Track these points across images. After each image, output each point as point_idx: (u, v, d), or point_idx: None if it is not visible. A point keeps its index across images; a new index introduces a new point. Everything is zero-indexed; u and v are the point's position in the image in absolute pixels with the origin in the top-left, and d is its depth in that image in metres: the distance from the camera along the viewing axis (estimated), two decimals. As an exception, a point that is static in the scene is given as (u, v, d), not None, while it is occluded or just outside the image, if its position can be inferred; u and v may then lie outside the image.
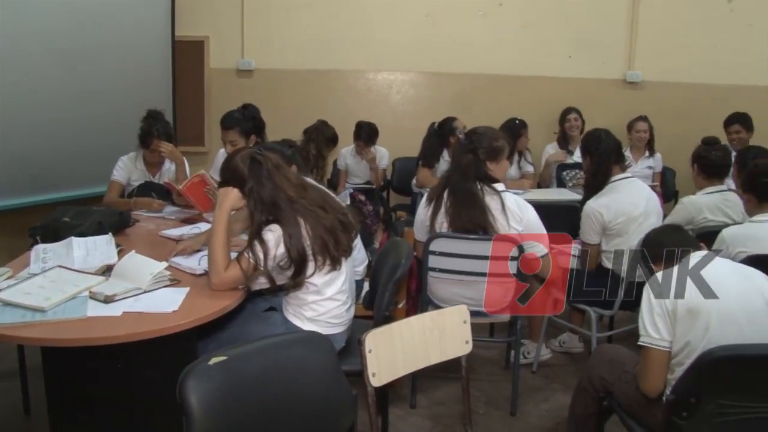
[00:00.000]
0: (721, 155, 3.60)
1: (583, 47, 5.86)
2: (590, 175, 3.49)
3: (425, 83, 6.01)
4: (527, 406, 3.35)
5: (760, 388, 1.94)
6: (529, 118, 5.49)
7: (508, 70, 5.85)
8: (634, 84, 5.88)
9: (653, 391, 2.13)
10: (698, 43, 5.89)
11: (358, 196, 5.00)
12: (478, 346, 3.91)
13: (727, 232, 2.96)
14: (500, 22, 5.84)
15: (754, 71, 5.92)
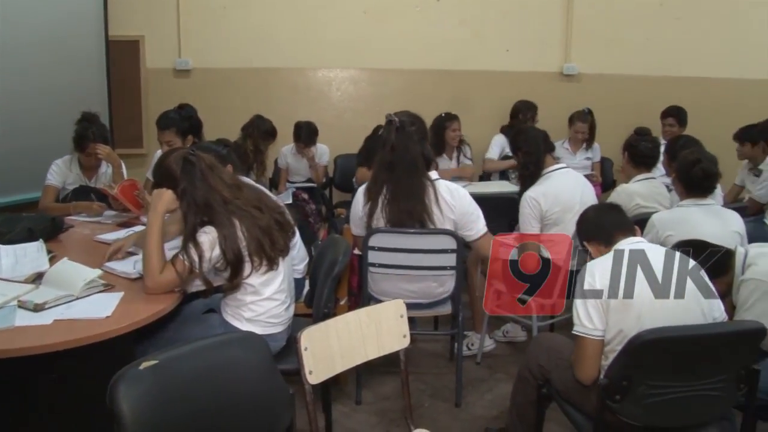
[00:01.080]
0: (650, 146, 3.74)
1: (521, 41, 5.95)
2: (523, 168, 3.53)
3: (365, 80, 6.01)
4: (472, 397, 3.39)
5: (686, 367, 2.01)
6: (470, 112, 5.57)
7: (447, 65, 5.88)
8: (570, 77, 6.00)
9: (588, 378, 2.17)
10: (631, 36, 6.03)
11: (301, 195, 4.99)
12: (423, 339, 3.99)
13: (657, 217, 3.05)
14: (438, 17, 5.87)
15: (683, 63, 6.10)
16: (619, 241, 2.33)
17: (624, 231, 2.37)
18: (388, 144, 3.02)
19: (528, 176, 3.49)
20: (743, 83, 6.23)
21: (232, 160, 3.12)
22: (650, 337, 1.93)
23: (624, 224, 2.41)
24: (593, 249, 2.44)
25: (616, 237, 2.35)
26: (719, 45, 6.21)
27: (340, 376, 3.39)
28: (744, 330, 2.06)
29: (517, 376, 2.64)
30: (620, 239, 2.34)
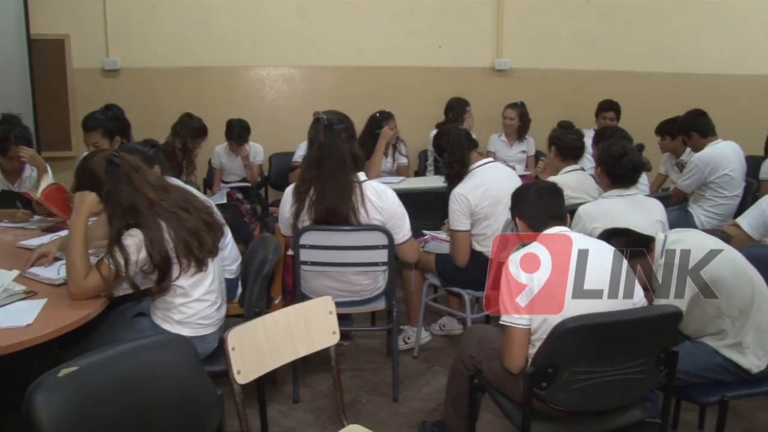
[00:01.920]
0: (575, 138, 3.84)
1: (453, 37, 6.02)
2: (449, 168, 3.55)
3: (299, 78, 5.99)
4: (409, 391, 3.42)
5: (609, 353, 2.07)
6: (404, 108, 5.59)
7: (381, 61, 5.92)
8: (502, 71, 6.11)
9: (515, 367, 2.20)
10: (560, 31, 6.18)
11: (235, 195, 4.94)
12: (361, 335, 4.01)
13: (583, 209, 3.13)
14: (371, 14, 5.89)
15: (610, 57, 6.29)
16: (547, 229, 2.36)
17: (556, 219, 2.40)
18: (316, 143, 3.02)
19: (454, 175, 3.51)
20: (668, 77, 6.44)
21: (160, 160, 3.07)
22: (573, 325, 1.98)
23: (557, 212, 2.43)
24: (522, 226, 2.46)
25: (546, 223, 2.38)
26: (645, 40, 6.42)
27: (278, 376, 3.39)
28: (662, 314, 2.13)
29: (451, 368, 2.67)
30: (550, 226, 2.37)
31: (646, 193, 3.84)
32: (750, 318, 2.42)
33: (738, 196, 4.50)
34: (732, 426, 3.09)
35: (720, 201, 4.47)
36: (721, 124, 4.94)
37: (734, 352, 2.42)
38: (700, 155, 4.50)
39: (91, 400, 1.60)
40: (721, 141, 4.53)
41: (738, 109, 6.50)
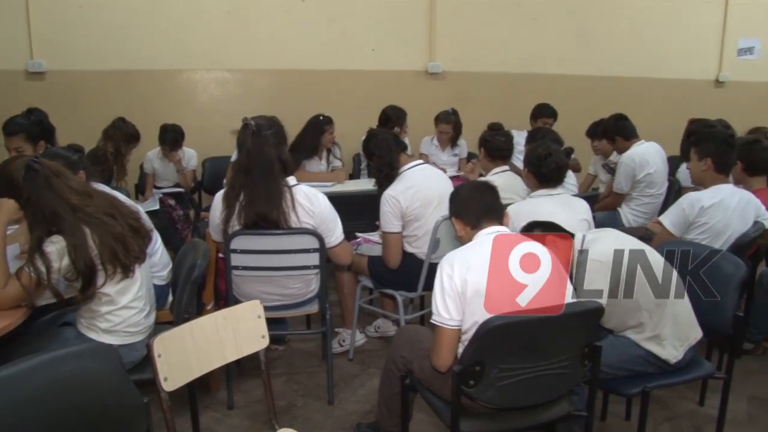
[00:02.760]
0: (504, 140, 3.92)
1: (386, 40, 6.07)
2: (378, 171, 3.57)
3: (232, 81, 5.94)
4: (345, 393, 3.42)
5: (534, 349, 2.12)
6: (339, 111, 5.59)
7: (315, 64, 5.91)
8: (435, 75, 6.18)
9: (444, 366, 2.24)
10: (491, 35, 6.31)
11: (167, 201, 4.86)
12: (296, 339, 3.99)
13: (512, 209, 3.18)
14: (304, 17, 5.88)
15: (540, 60, 6.44)
16: (484, 228, 2.39)
17: (492, 218, 2.42)
18: (244, 148, 3.00)
19: (383, 178, 3.54)
20: (594, 80, 6.66)
21: (85, 166, 3.00)
22: (498, 323, 2.02)
23: (493, 210, 2.44)
24: (459, 226, 2.48)
25: (483, 222, 2.40)
26: (573, 43, 6.62)
27: (212, 382, 3.35)
28: (584, 310, 2.19)
29: (383, 369, 2.69)
30: (486, 226, 2.39)
31: (573, 193, 3.95)
32: (666, 311, 2.52)
33: (662, 195, 4.66)
34: (656, 415, 3.23)
35: (645, 200, 4.62)
36: (646, 126, 5.13)
37: (653, 344, 2.52)
38: (628, 155, 4.64)
39: (9, 412, 1.56)
40: (644, 142, 4.68)
41: (661, 111, 6.79)
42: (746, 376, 3.68)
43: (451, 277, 2.20)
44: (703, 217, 3.39)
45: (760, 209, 3.52)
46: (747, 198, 3.49)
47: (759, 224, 3.49)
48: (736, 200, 3.44)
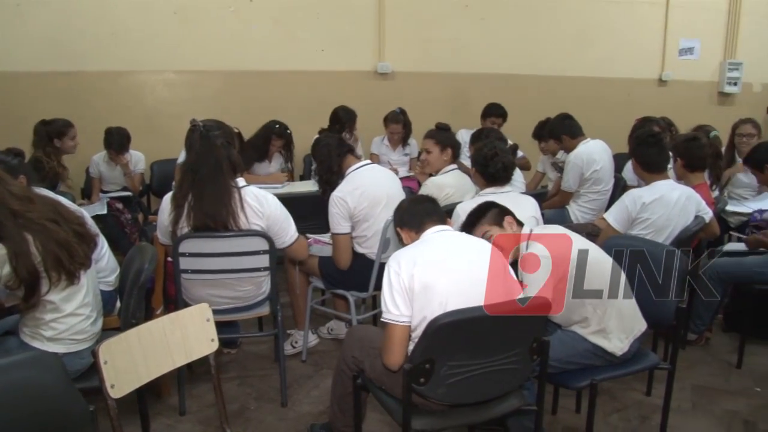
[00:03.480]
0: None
1: (335, 41, 6.05)
2: (319, 177, 3.59)
3: (180, 83, 5.84)
4: (298, 395, 3.41)
5: (483, 346, 2.14)
6: (289, 112, 5.59)
7: (263, 65, 5.86)
8: (384, 75, 6.19)
9: (394, 364, 2.25)
10: (440, 35, 6.35)
11: (115, 205, 4.78)
12: (249, 342, 3.96)
13: (461, 207, 3.23)
14: (252, 18, 5.82)
15: (489, 60, 6.53)
16: (428, 229, 2.43)
17: (434, 220, 2.47)
18: (193, 150, 2.97)
19: (326, 183, 3.55)
20: (542, 79, 6.78)
21: (26, 170, 2.93)
22: (447, 320, 2.04)
23: (434, 213, 2.50)
24: (405, 235, 2.52)
25: (426, 225, 2.45)
26: (521, 44, 6.72)
27: (163, 388, 3.30)
28: (532, 306, 2.23)
29: (335, 369, 2.70)
30: (429, 227, 2.44)
31: (521, 191, 4.01)
32: (611, 304, 2.58)
33: (608, 191, 4.76)
34: (606, 406, 3.31)
35: (593, 196, 4.72)
36: (593, 124, 5.25)
37: (600, 337, 2.58)
38: (576, 153, 4.72)
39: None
40: (590, 140, 4.78)
41: (607, 109, 6.95)
42: (690, 365, 3.80)
43: (398, 274, 2.22)
44: (645, 212, 3.48)
45: (701, 204, 3.63)
46: (687, 193, 3.59)
47: (700, 218, 3.59)
48: (676, 196, 3.54)
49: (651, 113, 5.47)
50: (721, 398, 3.46)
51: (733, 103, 8.11)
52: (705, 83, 7.95)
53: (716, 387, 3.59)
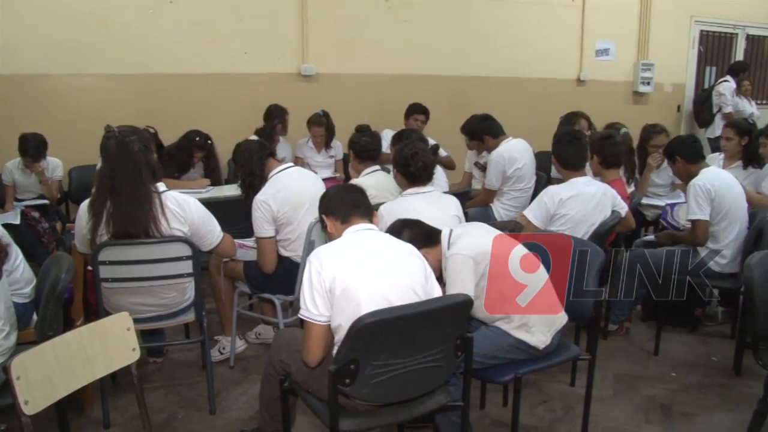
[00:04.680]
0: (370, 140, 4.00)
1: (258, 43, 5.98)
2: (248, 178, 3.55)
3: (98, 86, 5.64)
4: (227, 402, 3.37)
5: (407, 344, 2.16)
6: (212, 116, 5.53)
7: (185, 68, 5.74)
8: (309, 77, 6.16)
9: (313, 361, 2.26)
10: (363, 37, 6.38)
11: (31, 213, 4.60)
12: (175, 350, 3.89)
13: (384, 208, 3.26)
14: (172, 19, 5.69)
15: (411, 61, 6.59)
16: (353, 224, 2.42)
17: (361, 214, 2.46)
18: (109, 156, 2.91)
19: (250, 185, 3.52)
20: (464, 79, 6.90)
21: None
22: (371, 320, 2.04)
23: (362, 205, 2.49)
24: (330, 223, 2.49)
25: (353, 217, 2.44)
26: (444, 45, 6.82)
27: (85, 401, 3.21)
28: (454, 303, 2.26)
29: (263, 374, 2.68)
30: (356, 221, 2.43)
31: (444, 190, 4.07)
32: (532, 299, 2.65)
33: (530, 189, 4.89)
34: (532, 398, 3.40)
35: (515, 194, 4.83)
36: (515, 123, 5.38)
37: (523, 332, 2.64)
38: (498, 152, 4.82)
39: None
40: (512, 139, 4.89)
41: (528, 108, 7.13)
42: (612, 355, 3.94)
43: (319, 273, 2.21)
44: (563, 208, 3.59)
45: (616, 199, 3.77)
46: (603, 189, 3.72)
47: (616, 213, 3.73)
48: (592, 191, 3.66)
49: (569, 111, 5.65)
50: (641, 385, 3.61)
51: (647, 102, 8.45)
52: (620, 83, 8.27)
53: (636, 374, 3.74)
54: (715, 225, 3.81)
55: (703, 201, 3.75)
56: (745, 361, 3.70)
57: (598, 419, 3.19)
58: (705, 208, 3.76)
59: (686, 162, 3.95)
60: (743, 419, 2.89)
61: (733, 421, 3.18)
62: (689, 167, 3.94)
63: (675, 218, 4.49)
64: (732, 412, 3.30)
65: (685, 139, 4.13)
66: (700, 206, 3.76)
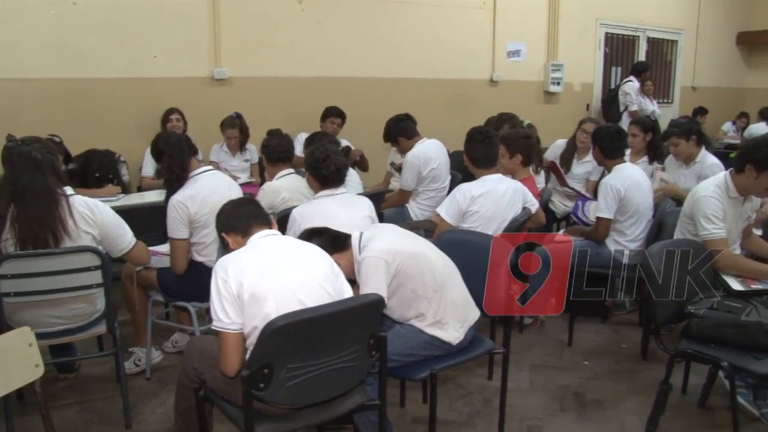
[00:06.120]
0: (282, 143, 4.01)
1: (169, 47, 5.81)
2: (169, 172, 3.44)
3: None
4: (144, 414, 3.29)
5: (319, 346, 2.17)
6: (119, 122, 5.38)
7: (92, 73, 5.48)
8: (222, 81, 6.05)
9: (232, 371, 2.24)
10: (276, 40, 6.31)
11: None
12: (88, 364, 3.77)
13: (297, 212, 3.26)
14: (76, 21, 5.45)
15: (326, 64, 6.59)
16: (254, 233, 2.43)
17: (260, 224, 2.47)
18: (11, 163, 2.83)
19: (175, 179, 3.43)
20: (379, 81, 6.95)
21: None
22: (282, 323, 2.04)
23: (259, 216, 2.51)
24: (231, 240, 2.49)
25: (252, 229, 2.44)
26: (356, 47, 6.84)
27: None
28: (365, 303, 2.28)
29: (177, 384, 2.63)
30: (256, 231, 2.44)
31: (359, 192, 4.09)
32: (444, 296, 2.70)
33: (445, 188, 4.96)
34: (451, 394, 3.47)
35: (430, 194, 4.89)
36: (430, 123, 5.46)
37: (436, 328, 2.69)
38: (412, 153, 4.88)
39: None
40: (426, 139, 4.96)
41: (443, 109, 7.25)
42: (528, 347, 4.06)
43: (225, 281, 2.20)
44: (474, 205, 3.67)
45: (527, 195, 3.88)
46: (514, 186, 3.83)
47: (527, 209, 3.84)
48: (503, 189, 3.76)
49: (484, 112, 5.81)
50: (556, 375, 3.73)
51: (558, 102, 8.73)
52: (532, 83, 8.51)
53: (551, 365, 3.86)
54: (623, 222, 3.99)
55: (612, 200, 3.94)
56: (651, 347, 3.89)
57: (515, 410, 3.28)
58: (612, 207, 3.95)
59: (602, 155, 4.17)
60: (650, 401, 3.04)
61: (641, 403, 3.32)
62: (605, 160, 4.18)
63: (585, 213, 4.67)
64: (641, 395, 3.45)
65: (609, 132, 4.26)
66: (608, 205, 3.94)
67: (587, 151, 5.24)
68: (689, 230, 3.35)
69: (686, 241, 3.30)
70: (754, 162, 3.10)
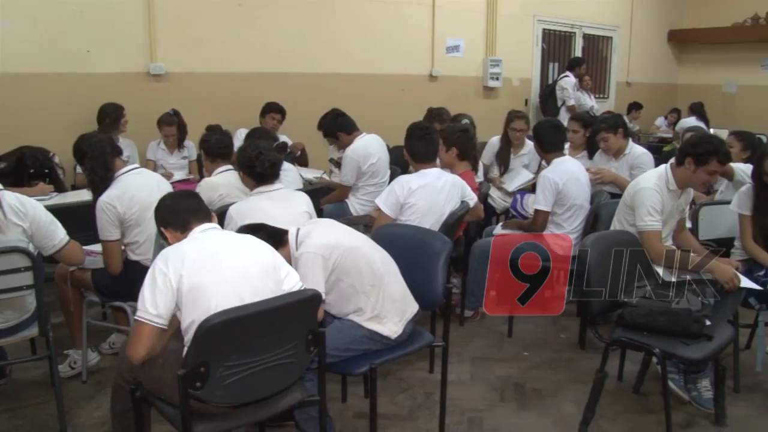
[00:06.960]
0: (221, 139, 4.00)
1: (103, 41, 5.65)
2: (92, 174, 3.36)
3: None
4: (80, 419, 3.22)
5: (256, 343, 2.16)
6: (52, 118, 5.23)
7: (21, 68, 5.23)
8: (158, 76, 5.93)
9: (138, 358, 2.23)
10: (214, 35, 6.23)
11: None
12: (20, 368, 3.66)
13: (233, 209, 3.23)
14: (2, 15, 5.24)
15: (264, 59, 6.54)
16: (193, 228, 2.41)
17: (200, 219, 2.45)
18: None
19: (99, 180, 3.35)
20: (319, 77, 6.94)
21: None
22: (218, 320, 2.03)
23: (199, 211, 2.48)
24: (170, 235, 2.47)
25: (191, 223, 2.42)
26: (295, 42, 6.80)
27: None
28: (301, 299, 2.28)
29: (113, 386, 2.58)
30: (195, 226, 2.41)
31: (296, 187, 4.08)
32: (382, 291, 2.72)
33: (385, 183, 4.96)
34: (393, 388, 3.51)
35: (370, 189, 4.90)
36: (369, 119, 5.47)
37: (375, 323, 2.71)
38: (352, 148, 4.87)
39: None
40: (365, 134, 4.96)
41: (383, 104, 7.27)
42: (469, 340, 4.13)
43: (165, 274, 2.18)
44: (412, 198, 3.70)
45: (466, 189, 3.94)
46: (452, 180, 3.88)
47: (464, 203, 3.89)
48: (442, 182, 3.81)
49: (424, 107, 5.89)
50: (496, 366, 3.80)
51: (497, 96, 8.85)
52: (471, 78, 8.61)
53: (492, 356, 3.93)
54: (561, 215, 4.08)
55: (549, 193, 4.02)
56: (589, 336, 3.99)
57: (456, 402, 3.33)
58: (549, 200, 4.04)
59: (541, 149, 4.30)
60: (588, 389, 3.11)
61: (579, 391, 3.40)
62: (543, 154, 4.31)
63: (524, 207, 4.76)
64: (579, 383, 3.55)
65: (548, 126, 4.36)
66: (546, 198, 4.03)
67: (522, 145, 5.38)
68: (628, 220, 3.47)
69: (621, 232, 3.41)
70: (694, 156, 3.29)
